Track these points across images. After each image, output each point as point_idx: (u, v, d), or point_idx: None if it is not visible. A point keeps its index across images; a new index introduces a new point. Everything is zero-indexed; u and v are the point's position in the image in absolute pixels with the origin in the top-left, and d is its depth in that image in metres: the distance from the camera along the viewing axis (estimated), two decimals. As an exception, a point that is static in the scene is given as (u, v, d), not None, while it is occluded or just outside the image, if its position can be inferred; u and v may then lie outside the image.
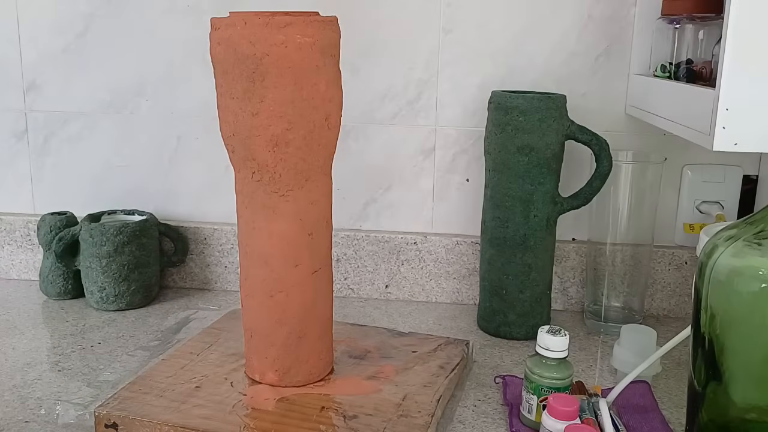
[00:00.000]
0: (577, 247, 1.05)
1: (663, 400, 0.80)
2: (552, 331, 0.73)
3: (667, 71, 0.88)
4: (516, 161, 0.90)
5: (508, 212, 0.93)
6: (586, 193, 0.93)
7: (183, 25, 1.05)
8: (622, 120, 1.02)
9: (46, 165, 1.12)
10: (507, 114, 0.90)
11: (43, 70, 1.09)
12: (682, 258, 1.03)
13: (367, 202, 1.09)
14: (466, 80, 1.03)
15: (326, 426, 0.68)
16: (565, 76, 1.01)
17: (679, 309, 1.05)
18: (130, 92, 1.08)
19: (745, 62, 0.63)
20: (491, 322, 0.97)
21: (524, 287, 0.94)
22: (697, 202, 1.03)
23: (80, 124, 1.10)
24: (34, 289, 1.10)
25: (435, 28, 1.02)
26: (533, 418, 0.73)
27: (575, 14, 1.00)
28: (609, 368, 0.87)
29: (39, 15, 1.07)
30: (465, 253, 1.07)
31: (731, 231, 0.62)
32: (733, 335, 0.61)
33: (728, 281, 0.60)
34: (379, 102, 1.05)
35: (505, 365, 0.89)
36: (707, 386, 0.63)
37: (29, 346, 0.91)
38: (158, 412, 0.70)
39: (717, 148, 0.65)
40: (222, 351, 0.84)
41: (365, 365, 0.81)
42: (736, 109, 0.64)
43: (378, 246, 1.08)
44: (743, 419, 0.62)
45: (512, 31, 1.01)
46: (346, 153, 1.06)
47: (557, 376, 0.72)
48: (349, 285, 1.10)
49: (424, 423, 0.69)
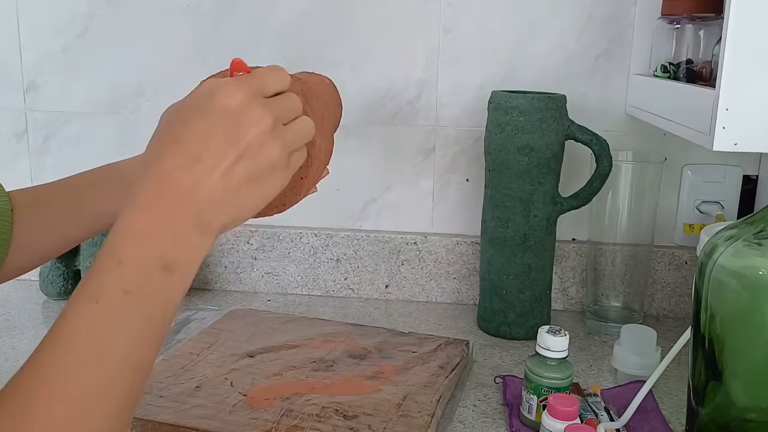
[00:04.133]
0: (577, 247, 1.05)
1: (663, 400, 0.80)
2: (552, 331, 0.73)
3: (667, 71, 0.88)
4: (516, 161, 0.90)
5: (508, 212, 0.93)
6: (586, 193, 0.93)
7: (183, 25, 1.05)
8: (622, 120, 1.02)
9: (46, 165, 1.12)
10: (507, 114, 0.90)
11: (43, 70, 1.08)
12: (682, 258, 1.03)
13: (367, 202, 1.09)
14: (466, 80, 1.03)
15: (326, 426, 0.68)
16: (565, 76, 1.01)
17: (679, 309, 1.05)
18: (130, 92, 1.08)
19: (745, 62, 0.63)
20: (491, 322, 0.97)
21: (524, 287, 0.94)
22: (697, 202, 1.03)
23: (80, 124, 1.10)
24: (34, 289, 1.10)
25: (435, 28, 1.02)
26: (533, 418, 0.73)
27: (575, 14, 0.99)
28: (609, 368, 0.87)
29: (39, 15, 1.07)
30: (465, 253, 1.07)
31: (731, 231, 0.62)
32: (733, 335, 0.61)
33: (728, 281, 0.60)
34: (379, 102, 1.05)
35: (505, 365, 0.89)
36: (707, 386, 0.63)
37: (29, 346, 0.91)
38: (158, 412, 0.70)
39: (717, 148, 0.65)
40: (222, 351, 0.84)
41: (365, 365, 0.81)
42: (736, 109, 0.64)
43: (378, 246, 1.08)
44: (743, 419, 0.62)
45: (512, 31, 1.01)
46: (346, 153, 1.06)
47: (557, 376, 0.72)
48: (349, 285, 1.10)
49: (424, 423, 0.69)
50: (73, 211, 0.66)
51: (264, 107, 0.47)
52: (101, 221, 0.67)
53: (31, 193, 0.66)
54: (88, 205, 0.66)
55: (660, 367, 0.74)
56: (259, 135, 0.46)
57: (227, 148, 0.45)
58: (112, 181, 0.67)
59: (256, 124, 0.46)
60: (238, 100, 0.46)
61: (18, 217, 0.63)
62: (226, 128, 0.45)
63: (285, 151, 0.48)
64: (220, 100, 0.46)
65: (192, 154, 0.44)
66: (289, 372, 0.79)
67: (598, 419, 0.73)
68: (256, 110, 0.46)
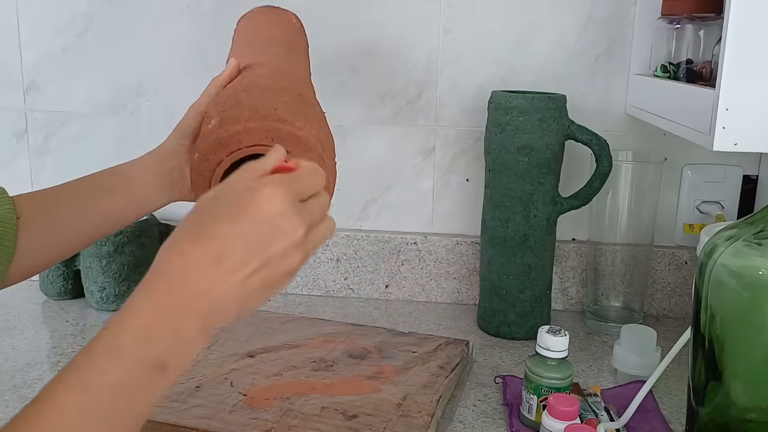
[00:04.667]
0: (577, 247, 1.05)
1: (663, 400, 0.80)
2: (552, 331, 0.73)
3: (667, 71, 0.88)
4: (516, 161, 0.90)
5: (508, 212, 0.93)
6: (586, 193, 0.93)
7: (183, 25, 1.05)
8: (622, 120, 1.02)
9: (46, 165, 1.12)
10: (507, 114, 0.90)
11: (43, 70, 1.08)
12: (682, 258, 1.03)
13: (367, 202, 1.09)
14: (466, 80, 1.03)
15: (326, 426, 0.68)
16: (565, 76, 1.01)
17: (679, 309, 1.05)
18: (130, 92, 1.08)
19: (745, 62, 0.63)
20: (491, 322, 0.97)
21: (524, 287, 0.94)
22: (697, 202, 1.03)
23: (80, 124, 1.10)
24: (34, 289, 1.10)
25: (435, 28, 1.02)
26: (533, 418, 0.73)
27: (575, 14, 1.00)
28: (609, 368, 0.87)
29: (39, 15, 1.07)
30: (465, 253, 1.07)
31: (731, 231, 0.62)
32: (733, 335, 0.61)
33: (728, 281, 0.60)
34: (379, 102, 1.05)
35: (505, 365, 0.89)
36: (707, 386, 0.63)
37: (29, 346, 0.91)
38: (158, 411, 0.70)
39: (717, 148, 0.65)
40: (222, 351, 0.84)
41: (365, 365, 0.81)
42: (736, 109, 0.64)
43: (378, 246, 1.08)
44: (743, 419, 0.62)
45: (512, 30, 1.01)
46: (346, 153, 1.06)
47: (557, 376, 0.72)
48: (349, 285, 1.10)
49: (424, 423, 0.69)
50: (80, 219, 0.65)
51: (300, 217, 0.45)
52: (106, 228, 0.67)
53: (37, 200, 0.65)
54: (94, 212, 0.65)
55: (660, 367, 0.74)
56: (287, 246, 0.45)
57: (252, 257, 0.44)
58: (119, 188, 0.66)
59: (288, 235, 0.45)
60: (277, 208, 0.44)
61: (23, 225, 0.63)
62: (257, 235, 0.44)
63: (305, 260, 0.47)
64: (258, 204, 0.44)
65: (215, 255, 0.43)
66: (289, 372, 0.79)
67: (598, 419, 0.73)
68: (292, 221, 0.45)
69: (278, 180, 0.46)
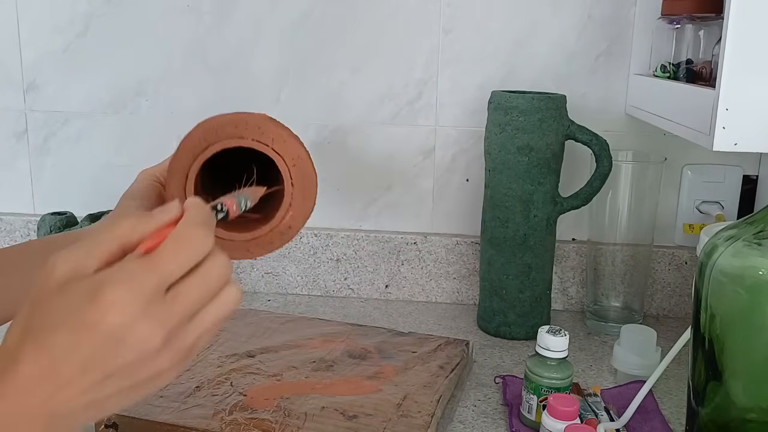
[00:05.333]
0: (577, 247, 1.05)
1: (663, 400, 0.80)
2: (552, 331, 0.73)
3: (667, 71, 0.88)
4: (516, 161, 0.90)
5: (508, 212, 0.93)
6: (586, 193, 0.93)
7: (183, 25, 1.05)
8: (622, 120, 1.02)
9: (46, 165, 1.12)
10: (507, 114, 0.90)
11: (43, 70, 1.08)
12: (682, 258, 1.03)
13: (367, 202, 1.09)
14: (466, 80, 1.03)
15: (326, 426, 0.68)
16: (565, 76, 1.01)
17: (679, 309, 1.05)
18: (130, 92, 1.08)
19: (745, 62, 0.63)
20: (491, 322, 0.97)
21: (524, 287, 0.94)
22: (697, 202, 1.03)
23: (80, 124, 1.10)
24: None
25: (435, 28, 1.02)
26: (533, 418, 0.73)
27: (575, 14, 0.99)
28: (609, 368, 0.87)
29: (39, 15, 1.07)
30: (465, 253, 1.07)
31: (731, 231, 0.62)
32: (733, 335, 0.61)
33: (728, 281, 0.60)
34: (379, 102, 1.05)
35: (505, 365, 0.89)
36: (707, 386, 0.63)
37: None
38: (158, 412, 0.70)
39: (717, 148, 0.65)
40: (222, 351, 0.84)
41: (365, 365, 0.81)
42: (736, 109, 0.64)
43: (378, 246, 1.08)
44: (743, 419, 0.62)
45: (512, 31, 1.01)
46: (346, 153, 1.06)
47: (557, 376, 0.72)
48: (349, 285, 1.10)
49: (424, 423, 0.69)
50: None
51: (154, 323, 0.37)
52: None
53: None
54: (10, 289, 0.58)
55: (660, 367, 0.74)
56: (136, 358, 0.38)
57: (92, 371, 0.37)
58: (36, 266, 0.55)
59: (135, 347, 0.37)
60: (119, 320, 0.36)
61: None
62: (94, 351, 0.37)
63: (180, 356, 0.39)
64: (99, 313, 0.36)
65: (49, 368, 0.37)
66: (289, 372, 0.79)
67: (598, 419, 0.73)
68: (141, 331, 0.37)
69: (128, 276, 0.37)
